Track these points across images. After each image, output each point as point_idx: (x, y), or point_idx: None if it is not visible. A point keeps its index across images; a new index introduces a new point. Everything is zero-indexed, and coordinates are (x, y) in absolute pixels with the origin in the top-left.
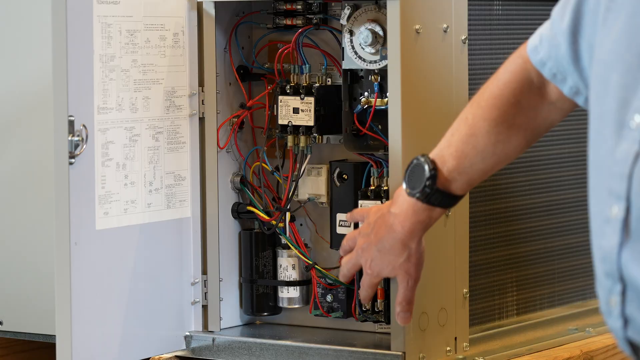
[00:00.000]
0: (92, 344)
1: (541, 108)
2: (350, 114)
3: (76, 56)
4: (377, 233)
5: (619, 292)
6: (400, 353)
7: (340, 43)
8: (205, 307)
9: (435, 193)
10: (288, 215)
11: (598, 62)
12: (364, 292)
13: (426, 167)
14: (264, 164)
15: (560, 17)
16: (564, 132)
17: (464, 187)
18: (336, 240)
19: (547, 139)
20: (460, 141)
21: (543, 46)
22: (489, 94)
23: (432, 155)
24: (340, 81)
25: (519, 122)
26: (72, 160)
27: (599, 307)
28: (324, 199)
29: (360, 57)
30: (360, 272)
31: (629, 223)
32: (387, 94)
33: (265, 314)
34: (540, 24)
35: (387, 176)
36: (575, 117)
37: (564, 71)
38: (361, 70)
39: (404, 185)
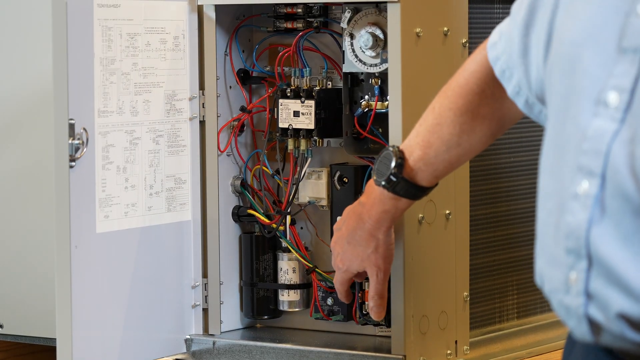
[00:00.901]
0: (92, 347)
1: (505, 98)
2: (350, 117)
3: (77, 59)
4: (348, 225)
5: (584, 269)
6: (400, 356)
7: (340, 46)
8: (205, 311)
9: (401, 182)
10: (288, 218)
11: (563, 42)
12: (337, 289)
13: (393, 157)
14: (264, 167)
15: (517, 10)
16: None
17: (430, 179)
18: None
19: None
20: (426, 131)
21: (501, 42)
22: (455, 84)
23: (402, 145)
24: (340, 84)
25: (484, 112)
26: (73, 163)
27: (539, 285)
28: (324, 202)
29: (360, 61)
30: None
31: (604, 199)
32: (388, 97)
33: (266, 317)
34: None
35: None
36: None
37: (512, 67)
38: (362, 73)
39: (372, 175)
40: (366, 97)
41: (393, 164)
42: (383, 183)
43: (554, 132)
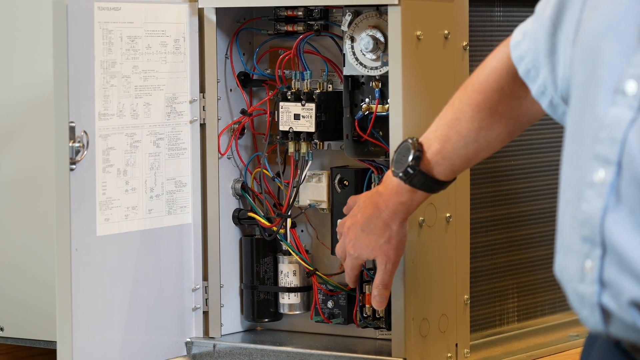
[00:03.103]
0: (92, 350)
1: (524, 98)
2: (351, 120)
3: (77, 62)
4: (364, 212)
5: (598, 257)
6: (401, 359)
7: (341, 49)
8: (206, 314)
9: (418, 175)
10: (289, 221)
11: (587, 33)
12: (347, 274)
13: (412, 149)
14: (264, 170)
15: (543, 9)
16: None
17: (447, 173)
18: None
19: (549, 146)
20: (445, 125)
21: (525, 41)
22: (475, 80)
23: (421, 138)
24: (341, 87)
25: (502, 110)
26: (73, 166)
27: (559, 278)
28: (325, 205)
29: (361, 64)
30: (361, 277)
31: (619, 187)
32: (388, 100)
33: (266, 320)
34: None
35: None
36: None
37: (538, 66)
38: (362, 76)
39: (390, 166)
40: (367, 100)
41: (411, 157)
42: (400, 175)
43: (573, 122)
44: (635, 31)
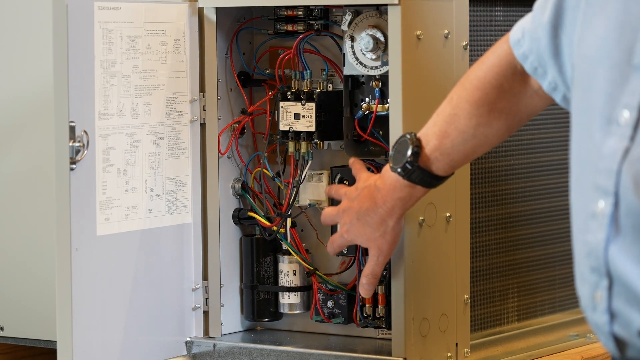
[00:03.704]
0: (93, 350)
1: (523, 94)
2: (351, 120)
3: (77, 62)
4: (361, 202)
5: (606, 287)
6: (401, 359)
7: (341, 49)
8: (206, 313)
9: (416, 170)
10: (289, 221)
11: (582, 57)
12: (333, 248)
13: (410, 144)
14: (265, 170)
15: (541, 10)
16: (566, 138)
17: (446, 168)
18: None
19: (549, 145)
20: (443, 121)
21: (525, 40)
22: (473, 76)
23: (419, 133)
24: (341, 87)
25: (501, 106)
26: (73, 166)
27: (580, 304)
28: (325, 205)
29: (361, 63)
30: (359, 274)
31: (618, 218)
32: (388, 99)
33: (266, 319)
34: None
35: None
36: None
37: (544, 65)
38: (362, 76)
39: (389, 161)
40: (367, 99)
41: (409, 152)
42: (399, 170)
43: (576, 147)
44: (626, 57)
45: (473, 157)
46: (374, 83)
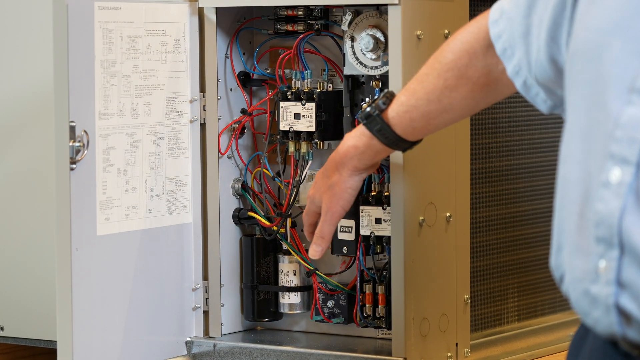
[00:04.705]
0: (93, 350)
1: (496, 68)
2: (351, 120)
3: (77, 62)
4: (330, 156)
5: (616, 258)
6: (401, 359)
7: (341, 49)
8: (206, 313)
9: (376, 119)
10: (289, 221)
11: (587, 29)
12: (303, 220)
13: (381, 95)
14: (265, 170)
15: None
16: None
17: (405, 128)
18: (337, 246)
19: (549, 145)
20: (415, 80)
21: (502, 20)
22: (451, 40)
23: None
24: (341, 87)
25: (470, 74)
26: (73, 165)
27: (557, 277)
28: None
29: (361, 63)
30: (362, 277)
31: (639, 188)
32: None
33: (266, 319)
34: None
35: (388, 182)
36: None
37: (513, 45)
38: (362, 76)
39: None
40: (367, 99)
41: (376, 101)
42: (361, 116)
43: (576, 118)
44: None
45: (434, 125)
46: (374, 83)
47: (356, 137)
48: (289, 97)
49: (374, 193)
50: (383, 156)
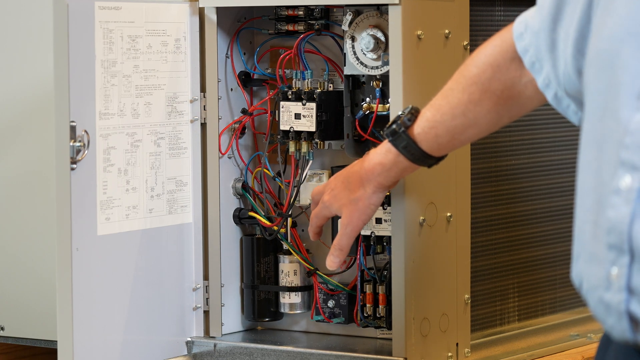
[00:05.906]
0: (93, 350)
1: (518, 80)
2: (352, 120)
3: (78, 61)
4: (351, 166)
5: (626, 264)
6: (401, 359)
7: (342, 49)
8: (206, 313)
9: (402, 136)
10: (290, 220)
11: (602, 38)
12: (310, 222)
13: (406, 111)
14: (265, 170)
15: (542, 3)
16: (567, 138)
17: (431, 144)
18: None
19: (550, 145)
20: (440, 95)
21: (527, 34)
22: (476, 54)
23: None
24: (342, 87)
25: (494, 87)
26: (74, 165)
27: (577, 285)
28: None
29: (362, 63)
30: (362, 277)
31: None
32: (389, 99)
33: (267, 319)
34: None
35: None
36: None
37: (541, 59)
38: (363, 76)
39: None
40: (367, 99)
41: (401, 118)
42: (387, 132)
43: (591, 127)
44: None
45: (460, 140)
46: (374, 83)
47: (382, 155)
48: (290, 97)
49: None
50: (409, 172)
